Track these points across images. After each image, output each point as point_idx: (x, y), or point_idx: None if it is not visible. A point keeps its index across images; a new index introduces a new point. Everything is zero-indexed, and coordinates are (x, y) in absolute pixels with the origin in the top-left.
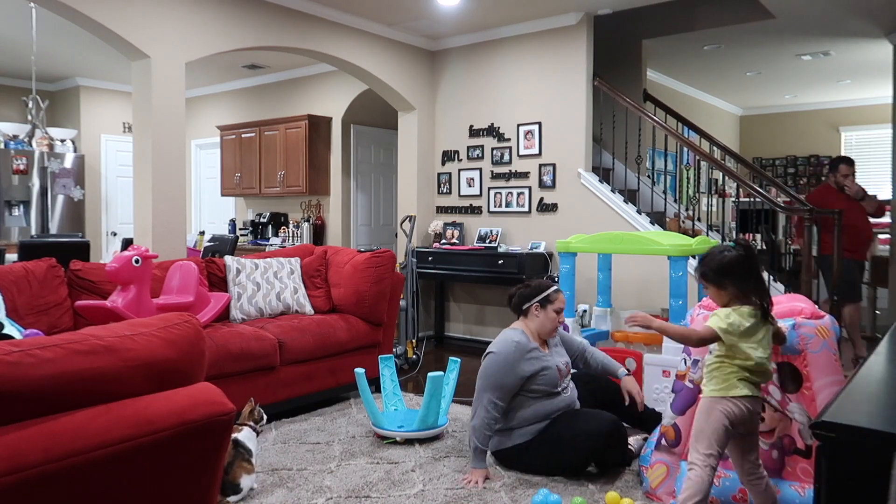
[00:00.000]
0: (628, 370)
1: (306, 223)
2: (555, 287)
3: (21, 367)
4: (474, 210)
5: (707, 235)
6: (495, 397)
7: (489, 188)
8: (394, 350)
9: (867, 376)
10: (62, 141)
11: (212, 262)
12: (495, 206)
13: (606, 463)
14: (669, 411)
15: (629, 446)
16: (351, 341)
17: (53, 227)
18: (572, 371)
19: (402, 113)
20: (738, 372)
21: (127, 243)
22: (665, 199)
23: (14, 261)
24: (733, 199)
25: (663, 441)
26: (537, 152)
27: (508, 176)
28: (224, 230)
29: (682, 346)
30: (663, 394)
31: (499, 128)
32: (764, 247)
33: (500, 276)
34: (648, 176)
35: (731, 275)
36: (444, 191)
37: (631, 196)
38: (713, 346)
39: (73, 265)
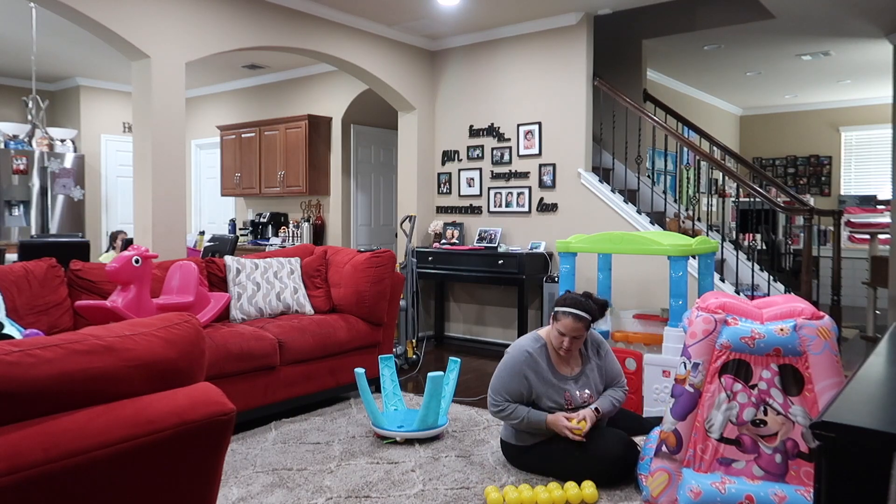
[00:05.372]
0: (596, 409)
1: (306, 223)
2: (566, 310)
3: (21, 367)
4: (474, 210)
5: (707, 235)
6: (497, 397)
7: (489, 188)
8: (394, 350)
9: (867, 376)
10: (62, 141)
11: (212, 262)
12: (495, 206)
13: (612, 481)
14: (670, 417)
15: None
16: (351, 341)
17: (53, 227)
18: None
19: (402, 113)
20: None
21: (127, 243)
22: (665, 199)
23: (14, 261)
24: (733, 199)
25: (664, 447)
26: (537, 152)
27: (508, 176)
28: (224, 230)
29: (682, 348)
30: (663, 394)
31: (499, 128)
32: (764, 247)
33: (500, 277)
34: (648, 176)
35: None
36: (444, 191)
37: (631, 196)
38: None
39: (73, 265)
